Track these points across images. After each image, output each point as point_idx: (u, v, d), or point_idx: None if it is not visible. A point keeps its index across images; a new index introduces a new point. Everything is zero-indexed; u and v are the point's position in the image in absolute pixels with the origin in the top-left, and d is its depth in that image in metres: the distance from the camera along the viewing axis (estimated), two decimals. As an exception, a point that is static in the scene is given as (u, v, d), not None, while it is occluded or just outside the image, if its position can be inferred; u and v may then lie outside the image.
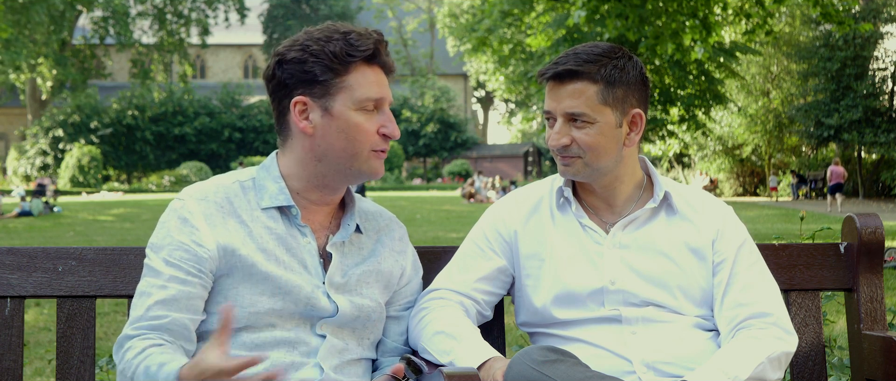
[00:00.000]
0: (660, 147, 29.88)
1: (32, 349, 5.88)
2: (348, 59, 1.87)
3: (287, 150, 1.96)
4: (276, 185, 1.94)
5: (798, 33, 30.60)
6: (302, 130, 1.90)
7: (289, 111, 1.90)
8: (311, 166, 1.93)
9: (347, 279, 1.96)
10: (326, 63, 1.86)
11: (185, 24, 42.58)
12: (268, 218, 1.92)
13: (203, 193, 1.93)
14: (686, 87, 21.99)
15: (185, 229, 1.86)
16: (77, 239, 15.54)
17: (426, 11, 57.82)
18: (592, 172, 2.08)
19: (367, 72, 1.90)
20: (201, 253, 1.85)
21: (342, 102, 1.87)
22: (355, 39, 1.88)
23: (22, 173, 42.44)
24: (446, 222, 19.10)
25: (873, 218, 2.28)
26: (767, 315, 2.03)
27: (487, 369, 1.94)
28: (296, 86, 1.88)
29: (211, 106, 46.62)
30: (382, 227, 2.09)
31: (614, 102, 2.04)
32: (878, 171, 29.73)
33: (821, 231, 3.50)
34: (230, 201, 1.92)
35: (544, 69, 2.08)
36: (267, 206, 1.92)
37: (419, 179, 46.85)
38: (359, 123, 1.88)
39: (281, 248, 1.90)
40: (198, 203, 1.90)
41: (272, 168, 1.97)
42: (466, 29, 32.23)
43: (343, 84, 1.87)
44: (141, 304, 1.84)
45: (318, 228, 1.98)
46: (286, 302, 1.87)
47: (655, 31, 14.04)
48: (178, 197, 1.93)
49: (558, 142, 2.06)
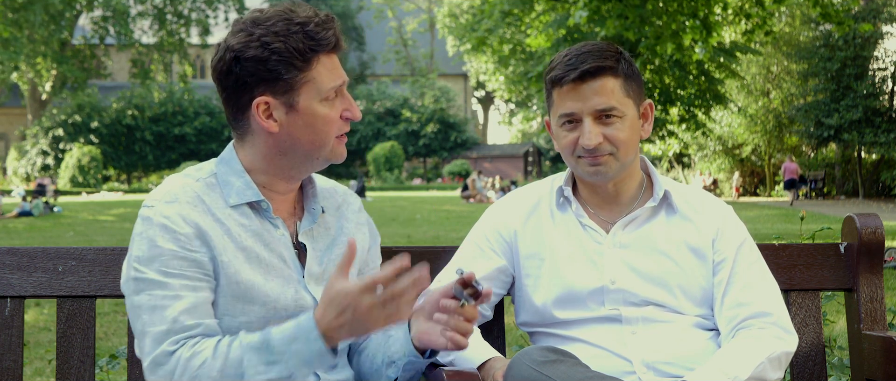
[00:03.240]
0: (660, 147, 29.86)
1: (32, 349, 5.88)
2: (311, 53, 1.79)
3: (247, 145, 1.88)
4: (240, 180, 1.87)
5: (798, 33, 30.58)
6: (265, 129, 1.82)
7: (248, 109, 1.82)
8: (275, 160, 1.87)
9: (324, 268, 1.93)
10: (289, 60, 1.77)
11: (185, 24, 42.57)
12: (239, 215, 1.86)
13: (171, 195, 1.83)
14: (686, 87, 21.98)
15: (169, 237, 1.77)
16: (77, 239, 15.53)
17: (426, 11, 57.81)
18: (621, 167, 2.08)
19: (328, 61, 1.83)
20: (198, 257, 1.78)
21: (307, 97, 1.81)
22: (315, 31, 1.79)
23: (22, 173, 42.45)
24: (446, 222, 19.08)
25: (873, 218, 2.28)
26: (767, 315, 2.03)
27: (487, 369, 1.94)
28: (256, 84, 1.79)
29: (211, 106, 46.61)
30: (340, 203, 2.04)
31: (633, 94, 2.06)
32: (878, 171, 29.70)
33: (821, 231, 3.50)
34: (201, 200, 1.84)
35: (562, 73, 2.03)
36: (236, 203, 1.86)
37: (419, 180, 46.84)
38: (325, 113, 1.83)
39: (259, 244, 1.85)
40: (169, 206, 1.81)
41: (233, 162, 1.89)
42: (466, 29, 32.21)
43: (306, 79, 1.80)
44: (159, 318, 1.74)
45: (286, 216, 1.93)
46: (277, 310, 1.83)
47: (655, 32, 14.05)
48: (145, 204, 1.83)
49: (592, 141, 2.02)
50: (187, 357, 1.70)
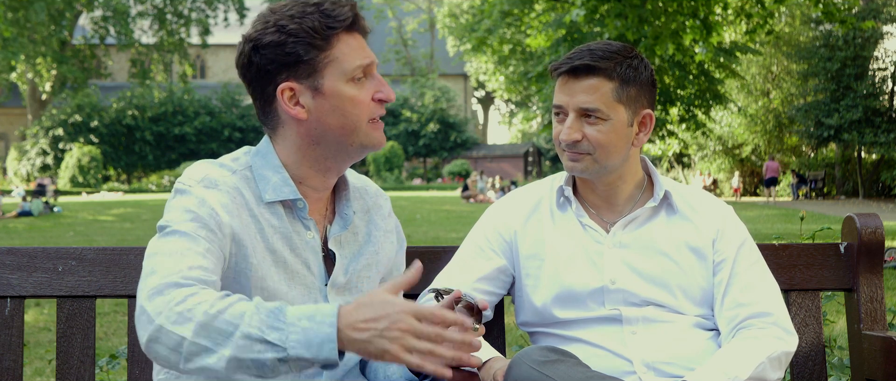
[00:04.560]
0: (660, 147, 29.87)
1: (32, 349, 5.88)
2: (329, 31, 1.73)
3: (280, 138, 1.81)
4: (277, 175, 1.80)
5: (798, 33, 30.58)
6: (294, 117, 1.76)
7: (275, 99, 1.76)
8: (310, 151, 1.80)
9: (349, 278, 1.88)
10: (308, 40, 1.72)
11: (185, 24, 42.54)
12: (270, 214, 1.79)
13: (209, 180, 1.76)
14: (686, 87, 21.99)
15: (206, 211, 1.70)
16: (77, 239, 15.54)
17: (426, 11, 57.81)
18: (600, 169, 2.08)
19: (350, 40, 1.77)
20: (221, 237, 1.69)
21: (332, 78, 1.75)
22: (330, 9, 1.74)
23: (22, 173, 42.44)
24: (446, 222, 19.08)
25: (873, 218, 2.28)
26: (767, 315, 2.03)
27: (487, 369, 1.94)
28: (278, 71, 1.74)
29: (211, 106, 46.61)
30: (371, 205, 1.98)
31: (628, 100, 2.04)
32: (878, 171, 29.71)
33: (821, 231, 3.50)
34: (240, 193, 1.77)
35: (558, 63, 2.05)
36: (272, 199, 1.79)
37: (419, 180, 46.83)
38: (353, 95, 1.76)
39: (286, 248, 1.79)
40: (208, 191, 1.74)
41: (270, 156, 1.82)
42: (466, 29, 32.24)
43: (329, 58, 1.74)
44: (176, 262, 1.62)
45: (318, 219, 1.87)
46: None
47: (655, 32, 14.03)
48: (181, 182, 1.77)
49: (569, 137, 2.04)
50: (191, 293, 1.57)
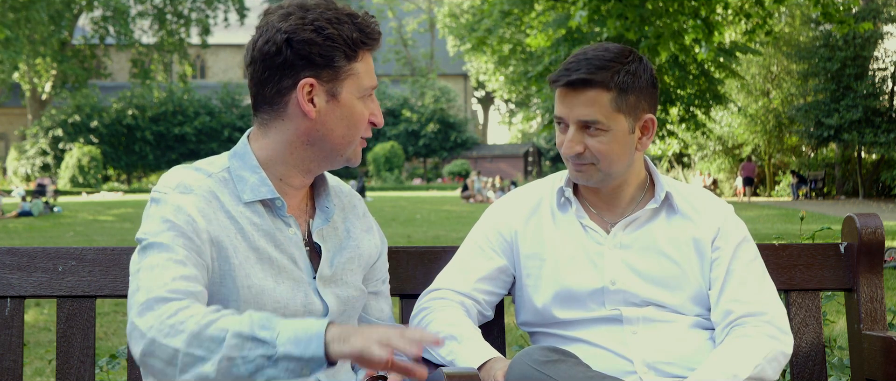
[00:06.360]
0: (660, 147, 29.89)
1: (32, 349, 5.88)
2: (361, 46, 1.81)
3: (271, 131, 1.84)
4: (255, 175, 1.84)
5: (798, 33, 30.56)
6: (304, 113, 1.80)
7: (290, 92, 1.79)
8: (299, 150, 1.84)
9: (335, 270, 1.91)
10: (343, 49, 1.78)
11: (185, 24, 42.55)
12: (251, 213, 1.83)
13: (184, 186, 1.79)
14: (686, 87, 22.00)
15: (182, 218, 1.74)
16: (77, 239, 15.53)
17: (426, 11, 57.81)
18: (605, 177, 2.08)
19: (368, 59, 1.85)
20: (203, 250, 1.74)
21: (349, 90, 1.81)
22: (365, 24, 1.82)
23: (22, 173, 42.44)
24: (446, 222, 19.08)
25: (873, 218, 2.28)
26: (762, 314, 2.03)
27: (488, 369, 1.94)
28: (304, 67, 1.78)
29: (211, 106, 46.60)
30: (346, 204, 2.02)
31: (627, 108, 2.03)
32: (878, 171, 29.70)
33: (821, 231, 3.49)
34: (216, 196, 1.81)
35: (556, 76, 2.04)
36: (250, 199, 1.82)
37: (419, 180, 46.83)
38: (360, 111, 1.83)
39: (270, 245, 1.83)
40: (183, 197, 1.77)
41: (247, 157, 1.86)
42: (466, 29, 32.23)
43: (352, 72, 1.81)
44: (158, 276, 1.67)
45: (297, 214, 1.91)
46: (286, 315, 1.76)
47: (656, 32, 14.02)
48: (156, 190, 1.81)
49: (571, 150, 2.04)
50: (183, 307, 1.62)
